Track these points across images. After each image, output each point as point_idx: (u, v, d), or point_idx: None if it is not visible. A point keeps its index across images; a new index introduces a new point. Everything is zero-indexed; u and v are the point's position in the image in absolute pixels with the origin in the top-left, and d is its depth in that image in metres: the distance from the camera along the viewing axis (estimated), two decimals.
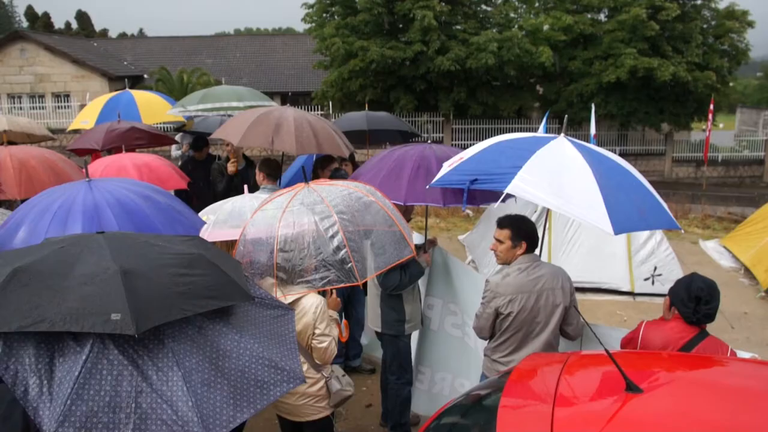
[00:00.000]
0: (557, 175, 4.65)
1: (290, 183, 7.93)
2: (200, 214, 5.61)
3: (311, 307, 4.66)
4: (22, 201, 6.15)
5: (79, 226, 4.46)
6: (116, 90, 13.12)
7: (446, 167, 5.44)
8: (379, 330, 6.38)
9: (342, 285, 4.55)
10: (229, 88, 10.19)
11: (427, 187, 5.60)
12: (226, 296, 3.23)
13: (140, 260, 3.13)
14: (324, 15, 29.78)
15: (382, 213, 4.80)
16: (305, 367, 4.69)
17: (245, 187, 6.26)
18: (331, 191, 4.84)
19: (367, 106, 12.02)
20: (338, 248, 4.50)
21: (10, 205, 6.55)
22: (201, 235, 5.00)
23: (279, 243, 4.58)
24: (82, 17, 79.81)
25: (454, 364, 6.53)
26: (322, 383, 4.86)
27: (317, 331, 4.66)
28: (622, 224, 4.37)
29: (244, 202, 5.75)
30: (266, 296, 3.65)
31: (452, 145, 24.32)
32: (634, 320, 9.09)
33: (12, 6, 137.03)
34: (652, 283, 10.94)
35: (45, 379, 2.73)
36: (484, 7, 30.06)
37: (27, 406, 2.69)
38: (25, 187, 5.96)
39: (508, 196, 4.92)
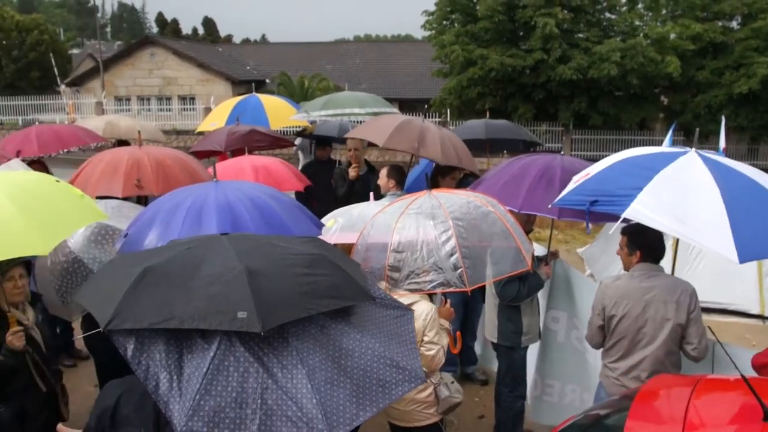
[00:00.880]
0: (681, 196, 4.46)
1: (409, 190, 7.97)
2: (327, 216, 5.74)
3: (421, 314, 4.64)
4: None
5: (213, 221, 4.60)
6: (239, 94, 13.48)
7: (572, 184, 5.33)
8: (495, 341, 6.32)
9: (450, 290, 4.57)
10: (351, 95, 10.32)
11: (549, 206, 5.50)
12: (347, 296, 3.27)
13: (264, 260, 3.19)
14: (444, 22, 29.80)
15: (500, 224, 4.77)
16: None
17: (371, 194, 6.36)
18: (450, 199, 4.90)
19: (488, 114, 11.89)
20: (450, 253, 4.51)
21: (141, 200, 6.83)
22: (328, 237, 5.12)
23: (393, 244, 4.65)
24: (209, 23, 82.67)
25: (581, 378, 6.39)
26: (430, 390, 4.85)
27: (425, 339, 4.64)
28: (749, 251, 4.11)
29: (371, 208, 5.84)
30: (386, 296, 3.67)
31: (571, 155, 23.84)
32: (764, 345, 8.64)
33: (144, 13, 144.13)
34: None
35: (175, 374, 2.82)
36: (608, 15, 29.34)
37: (158, 400, 2.77)
38: (162, 184, 6.16)
39: (626, 220, 4.79)
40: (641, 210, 4.48)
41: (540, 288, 6.11)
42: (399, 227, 4.72)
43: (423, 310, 4.68)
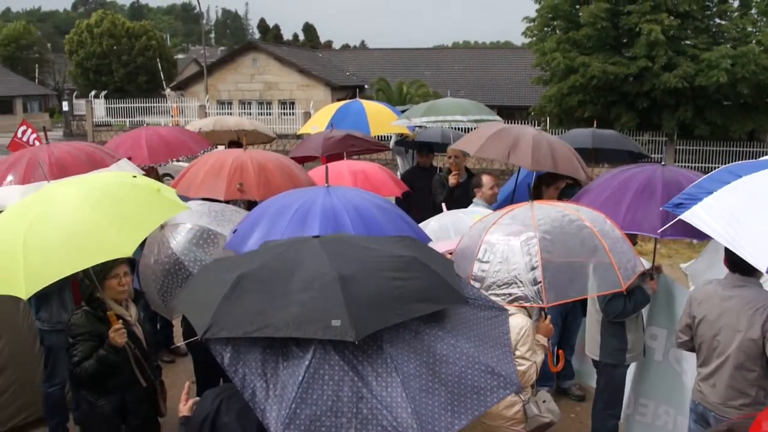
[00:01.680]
0: (745, 205, 4.40)
1: (504, 199, 7.87)
2: None
3: (515, 328, 4.54)
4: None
5: (316, 227, 4.63)
6: (338, 99, 13.57)
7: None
8: (597, 358, 6.11)
9: (527, 305, 4.47)
10: (452, 101, 10.25)
11: (660, 209, 5.32)
12: (441, 299, 3.24)
13: (356, 264, 3.19)
14: (545, 29, 29.32)
15: (595, 241, 4.54)
16: None
17: (443, 206, 6.46)
18: (544, 211, 4.75)
19: (595, 123, 11.58)
20: (532, 267, 4.39)
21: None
22: None
23: (479, 253, 4.58)
24: (309, 29, 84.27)
25: (676, 400, 6.15)
26: (518, 407, 4.76)
27: (517, 353, 4.55)
28: None
29: (446, 218, 5.99)
30: (480, 296, 3.62)
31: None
32: None
33: (246, 19, 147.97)
34: None
35: (271, 382, 2.85)
36: (717, 21, 28.26)
37: (255, 408, 2.81)
38: (263, 189, 6.22)
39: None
40: (700, 214, 4.52)
41: (646, 303, 5.90)
42: (487, 237, 4.65)
43: (518, 324, 4.58)
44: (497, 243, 4.58)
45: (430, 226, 5.91)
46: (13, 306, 6.54)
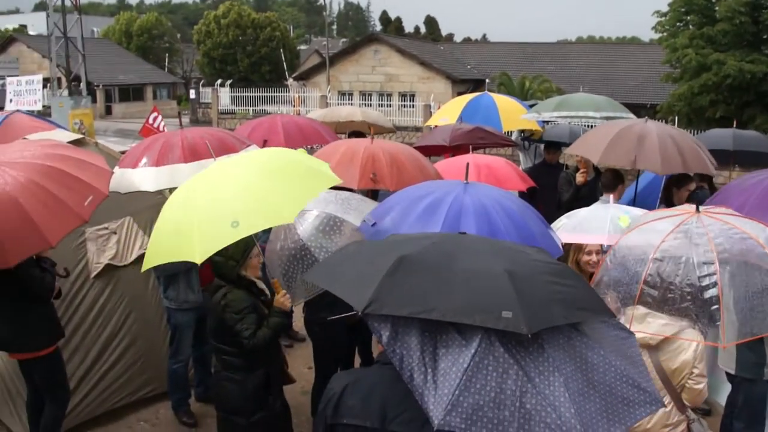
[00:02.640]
0: None
1: (632, 198, 7.57)
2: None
3: (691, 345, 4.29)
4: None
5: (473, 225, 4.59)
6: (459, 93, 13.46)
7: None
8: (732, 372, 5.77)
9: (704, 342, 4.24)
10: (586, 96, 10.01)
11: None
12: (595, 309, 3.19)
13: (517, 263, 3.15)
14: (677, 24, 28.33)
15: None
16: (669, 407, 4.37)
17: (611, 198, 6.38)
18: (720, 230, 4.30)
19: (735, 123, 10.97)
20: (711, 302, 4.06)
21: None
22: None
23: (647, 275, 4.25)
24: (431, 22, 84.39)
25: None
26: (683, 426, 4.52)
27: (695, 371, 4.31)
28: None
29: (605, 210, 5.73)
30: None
31: None
32: None
33: (368, 11, 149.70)
34: None
35: (429, 367, 2.81)
36: None
37: (414, 390, 2.78)
38: (396, 179, 6.22)
39: None
40: None
41: None
42: (658, 256, 4.25)
43: (694, 341, 4.33)
44: (668, 267, 4.21)
45: (580, 214, 5.77)
46: (143, 283, 6.83)
